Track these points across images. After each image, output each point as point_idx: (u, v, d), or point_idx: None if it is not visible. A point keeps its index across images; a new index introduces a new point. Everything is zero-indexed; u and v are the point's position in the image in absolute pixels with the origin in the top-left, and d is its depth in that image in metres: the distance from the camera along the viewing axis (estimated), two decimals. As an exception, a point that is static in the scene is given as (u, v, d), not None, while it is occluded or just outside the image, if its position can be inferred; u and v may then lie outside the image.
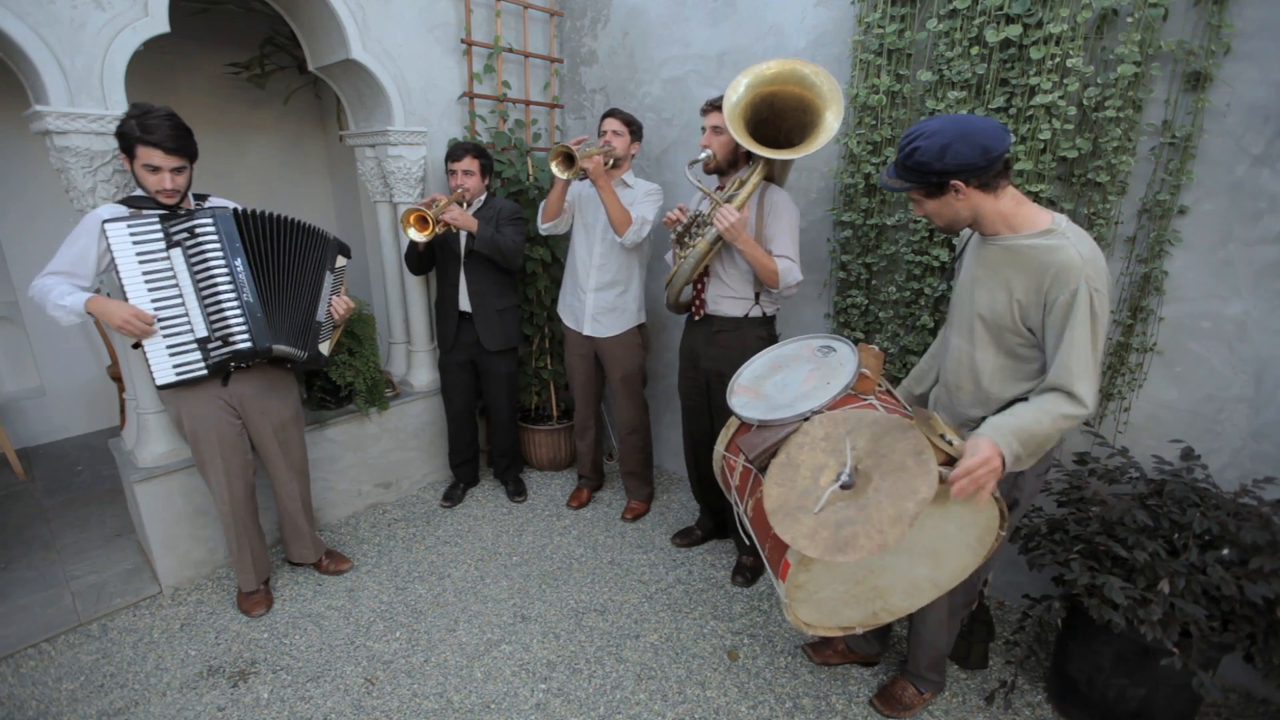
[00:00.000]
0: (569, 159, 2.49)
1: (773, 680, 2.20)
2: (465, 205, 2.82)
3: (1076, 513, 1.96)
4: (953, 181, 1.47)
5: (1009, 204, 1.52)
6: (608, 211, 2.60)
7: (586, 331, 2.93)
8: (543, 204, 2.81)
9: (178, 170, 2.03)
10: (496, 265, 2.92)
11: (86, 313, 1.97)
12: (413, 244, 2.84)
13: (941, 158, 1.44)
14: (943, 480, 1.41)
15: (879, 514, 1.38)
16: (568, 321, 3.02)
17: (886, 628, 2.18)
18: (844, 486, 1.47)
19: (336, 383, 2.96)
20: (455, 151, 2.80)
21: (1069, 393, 1.45)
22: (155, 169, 1.99)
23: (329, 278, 2.38)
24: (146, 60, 2.65)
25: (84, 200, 2.22)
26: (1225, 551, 1.74)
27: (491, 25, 3.20)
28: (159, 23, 2.28)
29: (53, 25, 2.08)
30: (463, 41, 3.11)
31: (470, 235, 2.81)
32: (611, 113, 2.71)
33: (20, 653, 2.31)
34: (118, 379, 3.64)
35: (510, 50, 3.25)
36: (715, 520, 2.95)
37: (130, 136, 1.95)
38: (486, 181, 2.89)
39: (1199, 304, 1.98)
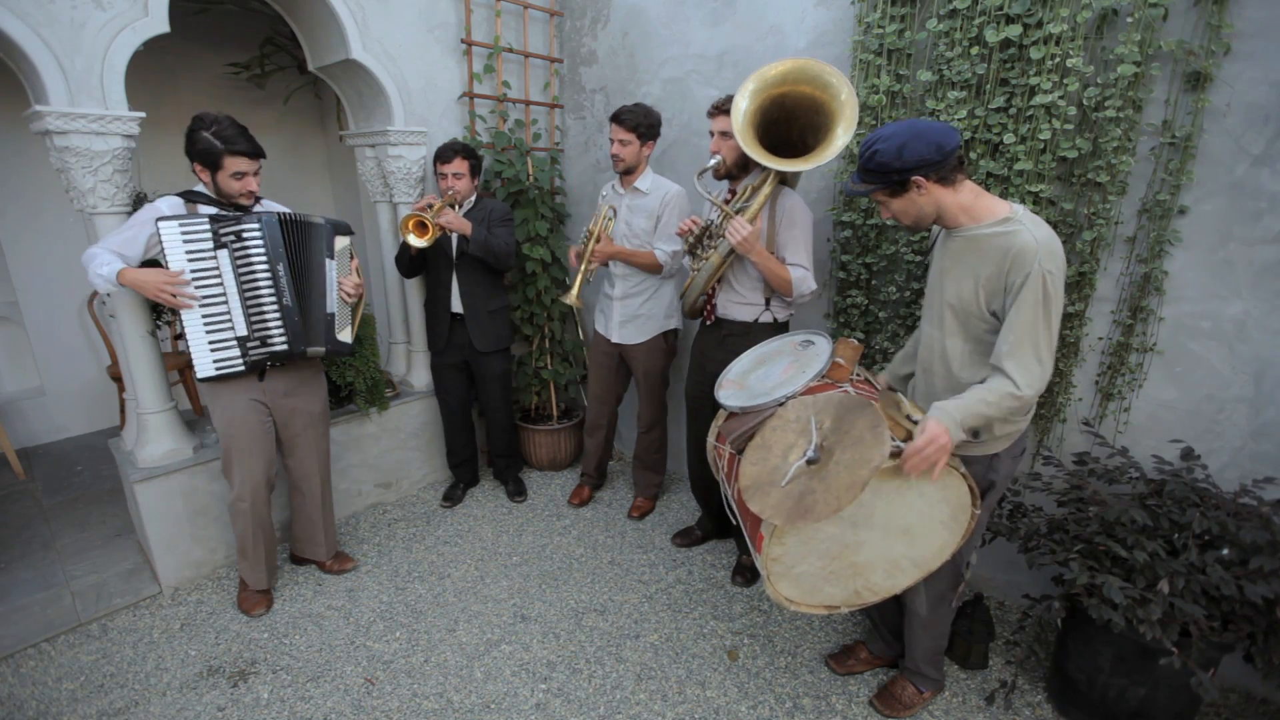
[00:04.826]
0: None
1: (773, 680, 2.21)
2: (456, 207, 2.82)
3: (1076, 513, 1.96)
4: (914, 178, 1.56)
5: (968, 196, 1.61)
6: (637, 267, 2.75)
7: (615, 339, 2.95)
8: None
9: (257, 172, 2.14)
10: (487, 266, 2.92)
11: (119, 285, 2.01)
12: (404, 247, 2.83)
13: (900, 155, 1.54)
14: (898, 455, 1.50)
15: (836, 483, 1.48)
16: (598, 325, 3.04)
17: (902, 625, 2.18)
18: (809, 462, 1.57)
19: (336, 383, 2.96)
20: (444, 153, 2.78)
21: (1006, 371, 1.53)
22: (243, 175, 2.09)
23: (330, 265, 2.34)
24: (146, 60, 2.66)
25: (84, 200, 2.22)
26: (1225, 551, 1.74)
27: (491, 25, 3.20)
28: (159, 23, 2.28)
29: (53, 25, 2.08)
30: (463, 41, 3.11)
31: (463, 237, 2.81)
32: (615, 118, 2.61)
33: (20, 653, 2.31)
34: (118, 379, 3.63)
35: (510, 50, 3.25)
36: (715, 521, 2.95)
37: (215, 151, 2.03)
38: (476, 182, 2.89)
39: (1199, 304, 1.98)
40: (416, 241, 2.63)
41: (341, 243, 2.39)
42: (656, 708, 2.09)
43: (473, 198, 2.91)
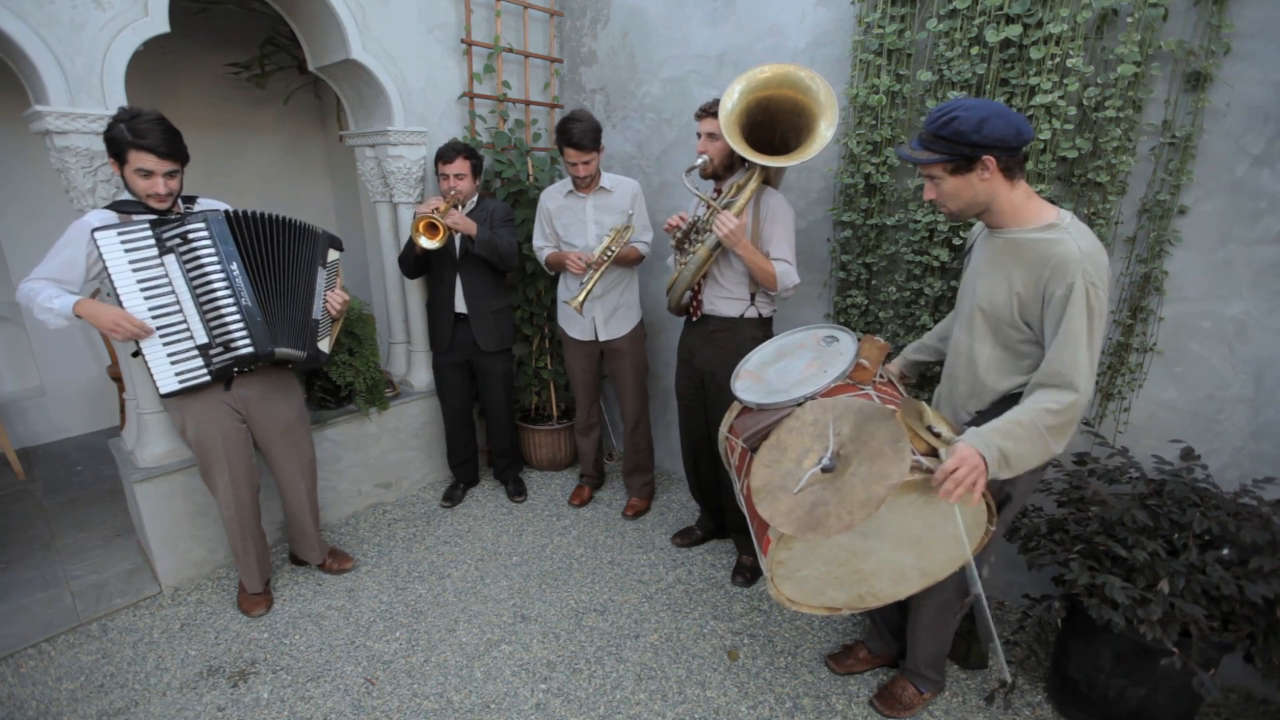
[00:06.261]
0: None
1: (773, 680, 2.21)
2: (460, 207, 2.82)
3: (1076, 513, 1.96)
4: (985, 156, 1.46)
5: (1020, 196, 1.54)
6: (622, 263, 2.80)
7: (603, 337, 2.96)
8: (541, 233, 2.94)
9: (170, 175, 1.99)
10: (491, 266, 2.92)
11: (75, 316, 1.93)
12: (409, 247, 2.83)
13: (979, 129, 1.43)
14: (921, 469, 1.45)
15: (850, 497, 1.43)
16: (574, 334, 3.02)
17: (901, 624, 2.18)
18: (825, 470, 1.52)
19: (336, 383, 2.96)
20: (446, 153, 2.76)
21: (1060, 385, 1.46)
22: (148, 173, 1.94)
23: (321, 273, 2.31)
24: (146, 60, 2.66)
25: (84, 200, 2.22)
26: (1225, 551, 1.74)
27: (491, 25, 3.20)
28: (159, 23, 2.28)
29: (53, 25, 2.08)
30: (463, 41, 3.11)
31: (466, 238, 2.81)
32: (575, 145, 2.61)
33: (20, 653, 2.31)
34: (118, 379, 3.64)
35: (510, 50, 3.25)
36: (715, 520, 2.95)
37: (121, 141, 1.89)
38: (478, 182, 2.89)
39: (1199, 304, 1.98)
40: (428, 243, 2.63)
41: (333, 255, 2.37)
42: (656, 708, 2.09)
43: (475, 198, 2.91)
